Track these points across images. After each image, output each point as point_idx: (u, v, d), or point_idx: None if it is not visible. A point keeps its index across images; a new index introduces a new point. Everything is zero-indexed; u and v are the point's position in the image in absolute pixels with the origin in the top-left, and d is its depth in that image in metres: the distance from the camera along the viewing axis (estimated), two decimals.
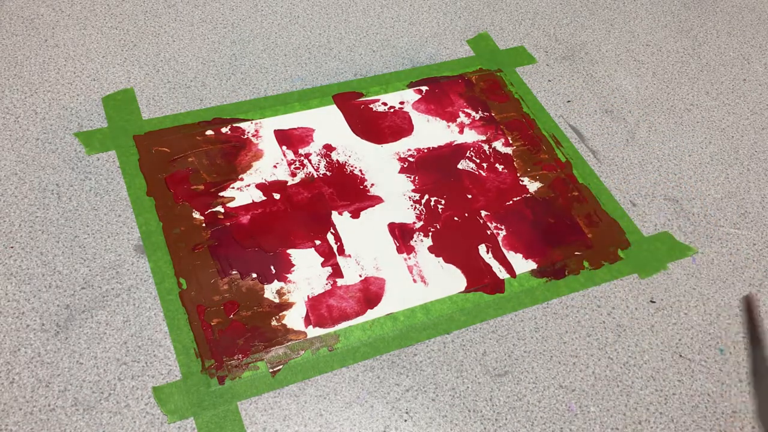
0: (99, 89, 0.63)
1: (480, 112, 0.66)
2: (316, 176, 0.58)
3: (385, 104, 0.65)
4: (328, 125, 0.63)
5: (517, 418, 0.47)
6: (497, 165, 0.62)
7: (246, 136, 0.60)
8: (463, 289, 0.53)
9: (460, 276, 0.54)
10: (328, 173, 0.59)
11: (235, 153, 0.59)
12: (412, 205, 0.58)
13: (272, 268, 0.52)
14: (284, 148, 0.60)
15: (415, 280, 0.53)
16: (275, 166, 0.59)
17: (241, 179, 0.57)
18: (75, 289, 0.49)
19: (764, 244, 0.60)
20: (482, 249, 0.56)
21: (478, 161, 0.62)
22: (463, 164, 0.62)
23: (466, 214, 0.58)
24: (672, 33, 0.79)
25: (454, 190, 0.59)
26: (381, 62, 0.69)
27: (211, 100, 0.63)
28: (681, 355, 0.51)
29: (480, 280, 0.54)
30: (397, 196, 0.58)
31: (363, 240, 0.55)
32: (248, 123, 0.61)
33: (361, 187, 0.58)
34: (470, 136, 0.64)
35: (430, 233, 0.56)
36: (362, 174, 0.59)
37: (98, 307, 0.48)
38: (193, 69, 0.66)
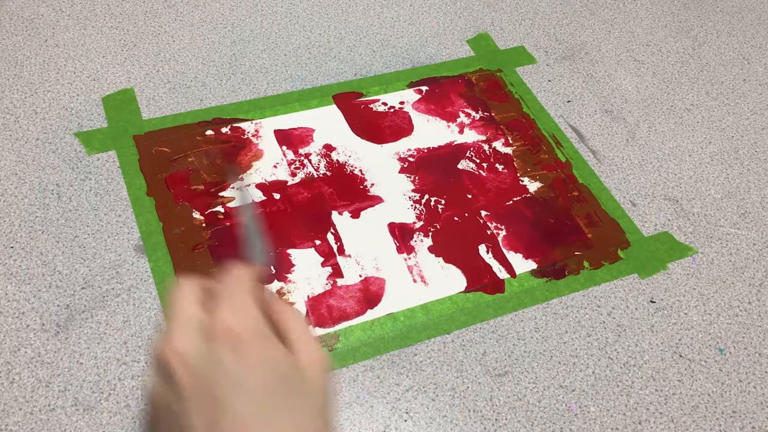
0: (99, 89, 0.63)
1: (480, 112, 0.66)
2: (316, 176, 0.58)
3: (385, 104, 0.65)
4: (328, 125, 0.63)
5: (517, 418, 0.47)
6: (497, 165, 0.62)
7: (246, 136, 0.60)
8: (463, 289, 0.53)
9: (460, 276, 0.54)
10: (328, 173, 0.59)
11: (235, 153, 0.59)
12: (412, 205, 0.58)
13: (272, 268, 0.52)
14: (284, 148, 0.60)
15: (415, 280, 0.53)
16: (275, 166, 0.59)
17: (242, 179, 0.57)
18: (75, 289, 0.49)
19: (764, 244, 0.60)
20: (482, 249, 0.56)
21: (478, 161, 0.62)
22: (463, 164, 0.62)
23: (466, 214, 0.58)
24: (672, 33, 0.79)
25: (454, 190, 0.59)
26: (381, 62, 0.69)
27: (211, 100, 0.63)
28: (681, 355, 0.51)
29: (480, 280, 0.54)
30: (397, 196, 0.58)
31: (363, 240, 0.55)
32: (248, 123, 0.61)
33: (361, 187, 0.58)
34: (470, 136, 0.64)
35: (430, 233, 0.56)
36: (362, 174, 0.59)
37: (98, 307, 0.48)
38: (193, 69, 0.66)
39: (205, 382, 0.30)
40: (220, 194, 0.56)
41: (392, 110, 0.65)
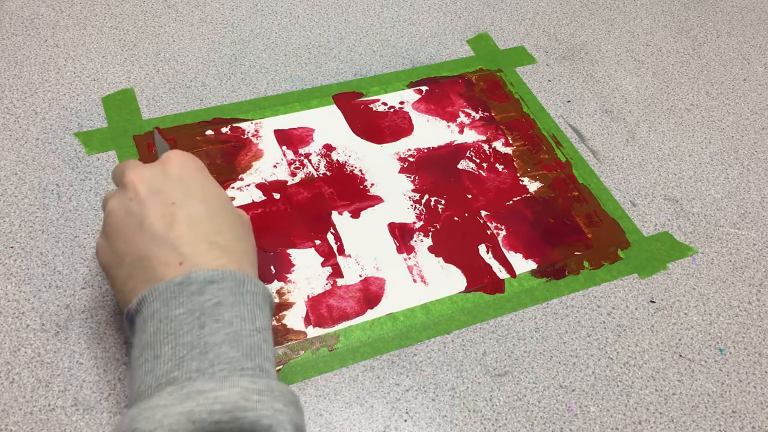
0: (99, 89, 0.63)
1: (480, 112, 0.66)
2: (316, 176, 0.58)
3: (385, 104, 0.65)
4: (328, 125, 0.63)
5: (517, 418, 0.47)
6: (497, 165, 0.62)
7: (246, 136, 0.60)
8: (463, 289, 0.53)
9: (460, 276, 0.54)
10: (328, 173, 0.59)
11: (235, 153, 0.59)
12: (412, 205, 0.58)
13: (272, 268, 0.52)
14: (284, 148, 0.60)
15: (415, 280, 0.53)
16: (275, 166, 0.59)
17: (241, 179, 0.57)
18: (75, 289, 0.49)
19: (764, 244, 0.60)
20: (482, 249, 0.56)
21: (478, 161, 0.62)
22: (463, 164, 0.62)
23: (466, 214, 0.58)
24: (672, 33, 0.79)
25: (454, 190, 0.59)
26: (381, 62, 0.69)
27: (211, 100, 0.63)
28: (681, 355, 0.51)
29: (480, 280, 0.54)
30: (397, 196, 0.58)
31: (363, 240, 0.55)
32: (248, 123, 0.61)
33: (361, 186, 0.58)
34: (470, 136, 0.64)
35: (430, 233, 0.56)
36: (362, 174, 0.59)
37: (98, 307, 0.48)
38: (193, 69, 0.66)
39: (162, 189, 0.37)
40: None
41: (392, 110, 0.65)
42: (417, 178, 0.60)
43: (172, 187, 0.37)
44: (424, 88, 0.67)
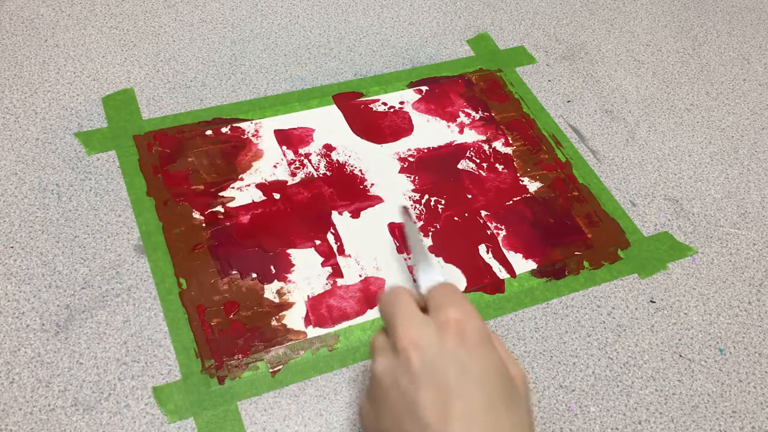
0: (99, 89, 0.63)
1: (480, 112, 0.66)
2: (316, 176, 0.58)
3: (385, 104, 0.65)
4: (328, 125, 0.63)
5: None
6: (497, 165, 0.62)
7: (246, 136, 0.60)
8: (463, 289, 0.53)
9: (460, 276, 0.54)
10: (328, 173, 0.59)
11: (235, 153, 0.59)
12: (412, 205, 0.58)
13: (272, 268, 0.52)
14: (284, 148, 0.60)
15: (415, 280, 0.53)
16: (275, 166, 0.59)
17: (241, 179, 0.57)
18: (75, 289, 0.49)
19: (764, 244, 0.60)
20: (482, 249, 0.56)
21: (478, 161, 0.62)
22: (463, 164, 0.62)
23: (466, 214, 0.58)
24: (672, 33, 0.79)
25: (454, 190, 0.59)
26: (381, 62, 0.69)
27: (211, 100, 0.63)
28: (681, 355, 0.51)
29: (480, 280, 0.54)
30: (397, 196, 0.58)
31: (363, 240, 0.55)
32: (248, 123, 0.61)
33: (361, 186, 0.58)
34: (470, 136, 0.64)
35: (430, 233, 0.56)
36: (362, 174, 0.59)
37: (98, 307, 0.48)
38: (193, 69, 0.66)
39: (436, 366, 0.32)
40: (220, 194, 0.56)
41: (392, 110, 0.65)
42: (417, 178, 0.60)
43: (447, 363, 0.32)
44: (424, 88, 0.67)
